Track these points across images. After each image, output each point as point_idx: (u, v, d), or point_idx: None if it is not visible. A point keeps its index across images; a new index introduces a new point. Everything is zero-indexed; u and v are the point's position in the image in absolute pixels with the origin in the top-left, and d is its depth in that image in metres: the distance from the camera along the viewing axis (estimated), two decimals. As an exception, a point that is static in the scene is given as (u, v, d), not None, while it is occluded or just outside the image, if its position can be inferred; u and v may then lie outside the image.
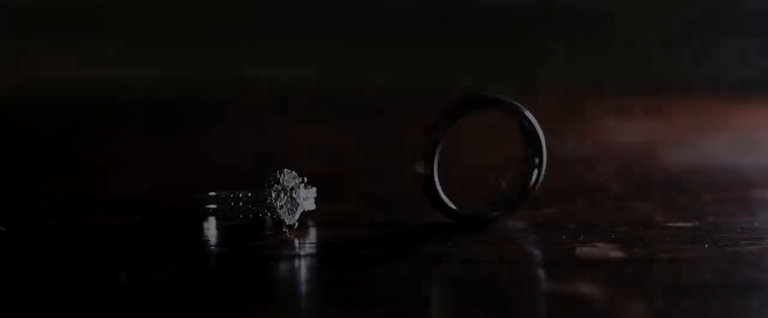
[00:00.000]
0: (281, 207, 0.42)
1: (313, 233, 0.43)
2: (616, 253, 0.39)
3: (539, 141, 0.43)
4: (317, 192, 0.44)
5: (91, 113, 0.98)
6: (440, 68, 1.23)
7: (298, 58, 1.23)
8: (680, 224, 0.44)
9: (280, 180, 0.42)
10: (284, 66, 1.22)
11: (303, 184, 0.43)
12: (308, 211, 0.43)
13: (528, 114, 0.43)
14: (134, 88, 1.16)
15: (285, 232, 0.43)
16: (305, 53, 1.23)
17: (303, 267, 0.39)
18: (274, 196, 0.42)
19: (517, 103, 0.43)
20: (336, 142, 0.77)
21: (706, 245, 0.40)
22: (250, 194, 0.43)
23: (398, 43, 1.24)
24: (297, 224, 0.43)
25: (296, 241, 0.42)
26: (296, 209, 0.43)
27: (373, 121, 0.91)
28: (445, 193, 0.43)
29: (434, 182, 0.43)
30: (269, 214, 0.42)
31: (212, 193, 0.43)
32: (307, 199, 0.43)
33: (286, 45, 1.24)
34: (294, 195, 0.42)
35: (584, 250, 0.39)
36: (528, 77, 1.20)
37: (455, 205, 0.43)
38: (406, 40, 1.24)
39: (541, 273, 0.38)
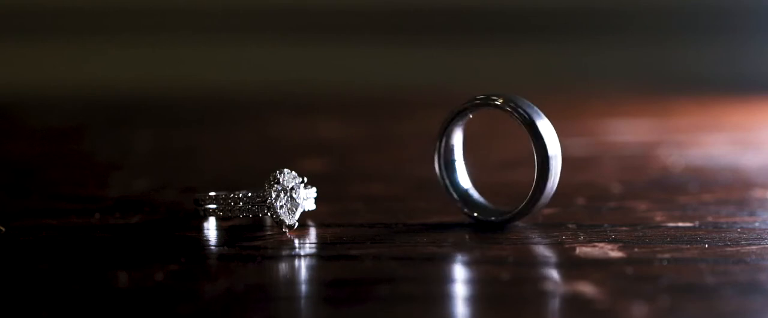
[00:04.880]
0: (281, 207, 0.42)
1: (313, 233, 0.43)
2: (616, 253, 0.39)
3: (537, 140, 0.42)
4: (317, 192, 0.44)
5: (91, 113, 0.98)
6: (440, 67, 1.23)
7: (298, 58, 1.23)
8: (680, 224, 0.44)
9: (280, 180, 0.42)
10: (284, 66, 1.21)
11: (303, 184, 0.43)
12: (308, 211, 0.43)
13: (526, 112, 0.42)
14: (134, 88, 1.16)
15: (285, 232, 0.43)
16: (305, 53, 1.23)
17: (303, 267, 0.39)
18: (274, 196, 0.42)
19: (514, 102, 0.42)
20: (337, 142, 0.77)
21: (706, 245, 0.40)
22: (250, 194, 0.43)
23: (398, 43, 1.24)
24: (297, 224, 0.43)
25: (296, 241, 0.42)
26: (296, 209, 0.42)
27: (373, 121, 0.91)
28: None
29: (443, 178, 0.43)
30: (269, 214, 0.42)
31: (212, 193, 0.43)
32: (307, 199, 0.43)
33: (285, 45, 1.24)
34: (294, 195, 0.42)
35: (584, 250, 0.39)
36: (528, 76, 1.20)
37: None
38: (404, 39, 1.24)
39: (542, 273, 0.38)
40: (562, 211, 0.47)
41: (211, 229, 0.44)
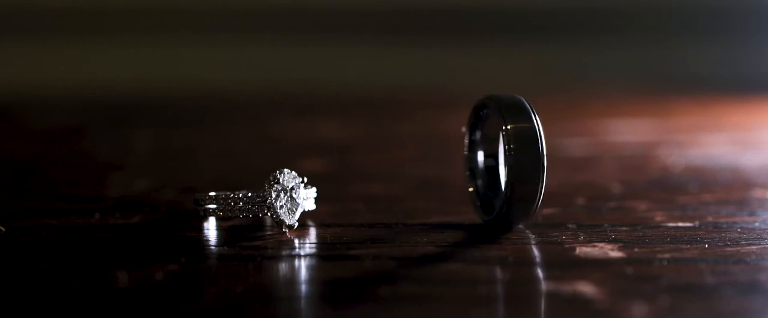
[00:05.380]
0: (281, 207, 0.42)
1: (313, 233, 0.43)
2: (616, 253, 0.39)
3: (505, 142, 0.41)
4: (317, 192, 0.44)
5: (91, 113, 0.98)
6: (440, 67, 1.23)
7: (298, 58, 1.23)
8: (680, 224, 0.44)
9: (280, 180, 0.42)
10: (284, 66, 1.21)
11: (303, 184, 0.43)
12: (308, 211, 0.43)
13: (508, 125, 0.41)
14: (134, 88, 1.16)
15: (285, 232, 0.43)
16: (305, 53, 1.23)
17: (303, 267, 0.39)
18: (274, 196, 0.42)
19: (502, 110, 0.42)
20: (337, 142, 0.77)
21: (706, 245, 0.40)
22: (250, 194, 0.43)
23: (398, 43, 1.24)
24: (297, 224, 0.43)
25: (296, 241, 0.42)
26: (296, 209, 0.42)
27: (373, 121, 0.91)
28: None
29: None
30: (269, 214, 0.42)
31: (212, 193, 0.43)
32: (307, 199, 0.43)
33: (285, 45, 1.24)
34: (294, 195, 0.42)
35: (584, 250, 0.39)
36: (528, 76, 1.20)
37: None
38: (404, 39, 1.24)
39: (542, 273, 0.38)
40: (562, 211, 0.47)
41: (211, 229, 0.44)
